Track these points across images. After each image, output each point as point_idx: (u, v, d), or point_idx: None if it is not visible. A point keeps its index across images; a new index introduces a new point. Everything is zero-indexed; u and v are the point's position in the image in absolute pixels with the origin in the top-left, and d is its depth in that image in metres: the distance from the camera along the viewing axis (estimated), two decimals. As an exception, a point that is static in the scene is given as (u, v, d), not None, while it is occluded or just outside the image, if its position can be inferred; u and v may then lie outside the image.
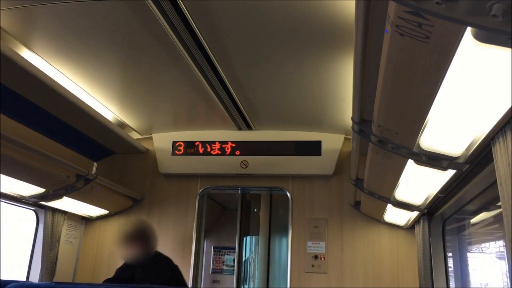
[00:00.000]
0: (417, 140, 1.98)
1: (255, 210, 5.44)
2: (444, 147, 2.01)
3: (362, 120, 2.20)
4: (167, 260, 3.22)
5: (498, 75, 1.34)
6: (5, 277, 2.48)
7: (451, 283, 3.42)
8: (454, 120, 1.73)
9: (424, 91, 1.51)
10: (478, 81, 1.43)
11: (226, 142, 4.34)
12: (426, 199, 2.96)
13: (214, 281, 6.36)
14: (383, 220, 3.99)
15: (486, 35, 1.14)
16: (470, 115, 1.68)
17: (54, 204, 3.76)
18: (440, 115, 1.72)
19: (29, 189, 3.42)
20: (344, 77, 3.00)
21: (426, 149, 2.04)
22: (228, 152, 4.32)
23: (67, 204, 3.84)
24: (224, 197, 5.95)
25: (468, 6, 0.99)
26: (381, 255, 4.04)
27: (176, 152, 4.40)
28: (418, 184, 2.68)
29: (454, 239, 3.69)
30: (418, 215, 3.39)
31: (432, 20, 1.10)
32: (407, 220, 3.75)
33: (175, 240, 4.36)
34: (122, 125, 4.27)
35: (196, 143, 4.37)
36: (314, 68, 2.95)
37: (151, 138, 4.56)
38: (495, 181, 1.71)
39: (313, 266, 4.10)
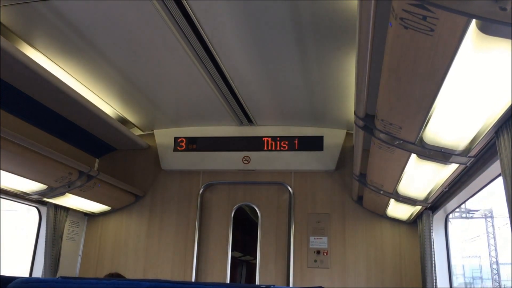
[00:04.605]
0: (420, 134, 1.97)
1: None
2: (448, 141, 2.00)
3: (365, 114, 2.20)
4: None
5: (503, 68, 1.33)
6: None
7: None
8: (458, 114, 1.72)
9: (427, 85, 1.50)
10: (483, 74, 1.42)
11: (228, 138, 4.34)
12: (429, 193, 2.96)
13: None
14: (386, 214, 3.98)
15: (492, 27, 1.13)
16: (474, 109, 1.67)
17: (57, 200, 3.77)
18: (444, 109, 1.71)
19: (32, 186, 3.42)
20: (346, 72, 2.99)
21: (429, 143, 2.03)
22: (230, 148, 4.32)
23: (69, 200, 3.84)
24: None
25: (474, -2, 0.99)
26: (384, 249, 4.04)
27: (178, 148, 4.40)
28: (422, 178, 2.67)
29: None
30: (421, 209, 3.38)
31: (437, 13, 1.09)
32: (409, 214, 3.75)
33: (178, 235, 4.36)
34: (124, 121, 4.26)
35: (198, 139, 4.37)
36: (316, 63, 2.94)
37: (153, 134, 4.56)
38: (500, 175, 1.70)
39: (315, 261, 4.10)
